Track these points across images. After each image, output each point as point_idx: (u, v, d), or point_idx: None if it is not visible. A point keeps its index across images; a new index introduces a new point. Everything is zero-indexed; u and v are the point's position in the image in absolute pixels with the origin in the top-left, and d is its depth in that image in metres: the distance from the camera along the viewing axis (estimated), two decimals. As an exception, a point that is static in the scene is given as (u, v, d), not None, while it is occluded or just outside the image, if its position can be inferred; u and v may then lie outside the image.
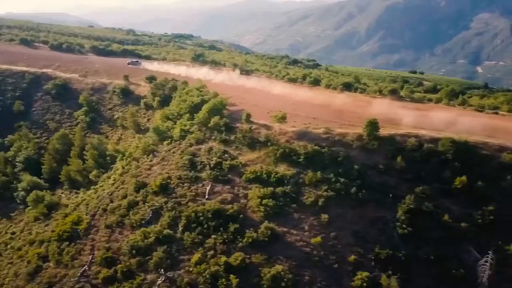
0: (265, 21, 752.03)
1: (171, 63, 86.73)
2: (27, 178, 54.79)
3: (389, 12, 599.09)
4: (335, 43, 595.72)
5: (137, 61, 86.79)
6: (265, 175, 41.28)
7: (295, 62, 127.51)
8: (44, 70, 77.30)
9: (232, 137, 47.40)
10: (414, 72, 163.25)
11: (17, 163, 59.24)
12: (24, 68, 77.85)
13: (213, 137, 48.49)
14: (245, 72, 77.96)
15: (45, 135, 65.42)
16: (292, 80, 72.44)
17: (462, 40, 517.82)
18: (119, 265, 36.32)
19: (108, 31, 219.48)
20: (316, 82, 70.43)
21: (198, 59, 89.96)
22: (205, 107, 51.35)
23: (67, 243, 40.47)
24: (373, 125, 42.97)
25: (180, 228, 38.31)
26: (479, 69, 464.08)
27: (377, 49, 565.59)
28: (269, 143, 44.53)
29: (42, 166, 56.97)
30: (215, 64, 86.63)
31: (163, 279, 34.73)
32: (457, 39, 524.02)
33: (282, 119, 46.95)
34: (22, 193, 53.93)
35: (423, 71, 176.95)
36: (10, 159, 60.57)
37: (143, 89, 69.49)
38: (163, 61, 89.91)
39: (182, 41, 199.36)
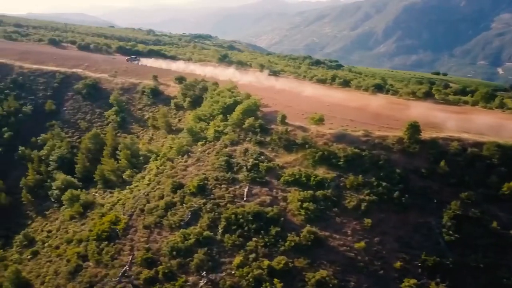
0: (280, 21, 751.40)
1: (197, 63, 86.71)
2: (61, 177, 55.36)
3: (406, 12, 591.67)
4: (351, 44, 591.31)
5: (136, 58, 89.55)
6: (304, 178, 40.73)
7: (317, 62, 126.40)
8: (74, 70, 78.17)
9: (268, 139, 46.96)
10: (438, 74, 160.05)
11: (50, 162, 59.96)
12: (55, 68, 78.87)
13: (247, 139, 48.16)
14: (273, 73, 77.49)
15: (77, 134, 66.05)
16: (321, 81, 71.74)
17: (482, 41, 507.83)
18: (160, 266, 36.26)
19: (129, 31, 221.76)
20: (345, 84, 69.56)
21: (224, 59, 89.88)
22: (238, 108, 51.07)
23: (106, 242, 40.64)
24: (414, 128, 42.08)
25: (220, 230, 38.06)
26: (500, 70, 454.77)
27: (394, 50, 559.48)
28: (306, 146, 43.97)
29: (76, 165, 57.47)
30: (241, 64, 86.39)
31: (205, 282, 34.54)
32: (477, 40, 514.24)
33: (320, 121, 46.37)
34: (57, 191, 54.53)
35: (446, 73, 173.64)
36: (43, 157, 61.33)
37: (173, 89, 69.66)
38: (189, 62, 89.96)
39: (201, 42, 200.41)
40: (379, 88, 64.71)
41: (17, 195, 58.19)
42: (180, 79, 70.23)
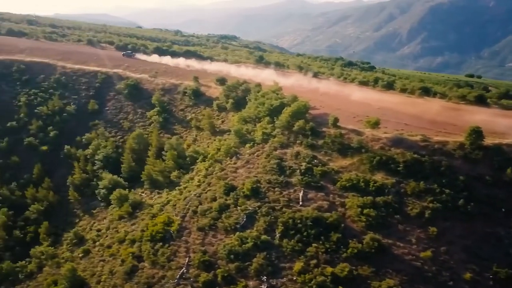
0: (302, 22, 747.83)
1: (233, 64, 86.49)
2: (107, 176, 55.88)
3: (432, 13, 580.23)
4: (374, 45, 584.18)
5: (131, 53, 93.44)
6: (362, 183, 39.79)
7: (350, 64, 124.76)
8: (115, 70, 79.12)
9: (320, 142, 46.20)
10: (472, 76, 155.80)
11: (96, 161, 60.67)
12: (96, 68, 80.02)
13: (298, 141, 47.48)
14: (313, 74, 76.63)
15: (120, 134, 66.72)
16: (363, 83, 70.40)
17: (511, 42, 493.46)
18: (219, 270, 35.89)
19: (157, 32, 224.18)
20: (389, 86, 68.03)
21: (261, 61, 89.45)
22: (287, 111, 50.43)
23: (160, 244, 40.60)
24: (477, 133, 40.56)
25: (278, 235, 37.51)
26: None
27: (419, 51, 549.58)
28: (362, 150, 43.00)
29: (122, 165, 57.93)
30: (279, 66, 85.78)
31: (266, 287, 34.03)
32: (507, 41, 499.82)
33: (376, 124, 45.27)
34: (103, 191, 55.04)
35: (480, 75, 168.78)
36: (88, 157, 62.17)
37: (214, 90, 69.61)
38: (225, 62, 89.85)
39: (228, 42, 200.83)
40: (426, 91, 62.92)
41: (63, 193, 59.16)
42: (222, 81, 70.13)
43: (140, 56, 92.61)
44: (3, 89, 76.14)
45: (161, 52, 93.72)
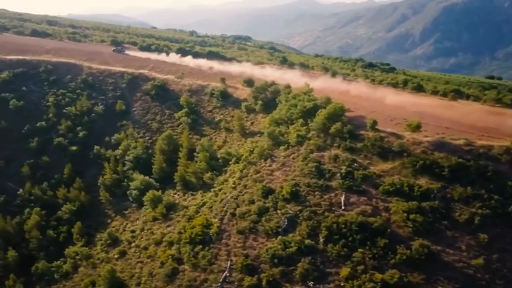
0: (313, 22, 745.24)
1: (257, 65, 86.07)
2: (139, 177, 55.87)
3: (446, 14, 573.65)
4: (387, 46, 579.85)
5: (121, 48, 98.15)
6: (406, 188, 39.12)
7: (371, 65, 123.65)
8: (141, 71, 79.27)
9: (358, 145, 45.60)
10: (492, 78, 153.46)
11: (126, 162, 60.76)
12: (122, 69, 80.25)
13: (335, 144, 46.94)
14: (339, 75, 75.95)
15: (148, 135, 66.78)
16: (392, 85, 69.55)
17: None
18: (263, 274, 35.56)
19: (172, 32, 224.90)
20: (419, 88, 67.09)
21: (285, 62, 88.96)
22: (323, 113, 49.88)
23: (200, 246, 40.36)
24: (524, 138, 39.66)
25: (321, 239, 37.05)
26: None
27: (432, 52, 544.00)
28: (404, 154, 42.31)
29: (153, 166, 57.91)
30: (303, 67, 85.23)
31: (313, 292, 33.61)
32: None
33: (417, 128, 44.53)
34: (135, 191, 55.03)
35: (501, 77, 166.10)
36: (118, 157, 62.29)
37: (241, 92, 69.36)
38: (248, 63, 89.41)
39: (243, 43, 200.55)
40: (459, 94, 61.92)
41: (94, 194, 59.32)
42: (249, 82, 69.87)
43: (132, 52, 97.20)
44: (31, 89, 76.75)
45: (184, 52, 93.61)
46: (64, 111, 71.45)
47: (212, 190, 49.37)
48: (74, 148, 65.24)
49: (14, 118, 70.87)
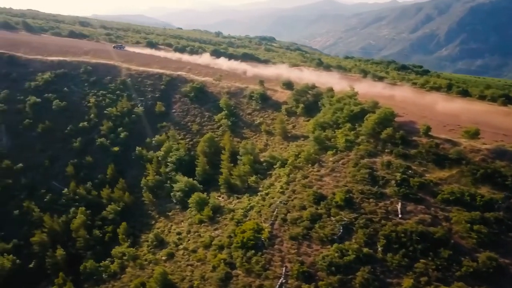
0: (335, 23, 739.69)
1: (293, 67, 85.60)
2: (183, 179, 56.13)
3: (472, 14, 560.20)
4: (410, 47, 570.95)
5: (121, 45, 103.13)
6: (468, 197, 37.91)
7: (403, 68, 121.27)
8: (179, 73, 79.82)
9: (412, 152, 44.52)
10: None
11: (168, 163, 61.15)
12: (160, 70, 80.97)
13: (387, 150, 45.99)
14: (378, 79, 74.75)
15: (188, 136, 67.05)
16: (435, 89, 67.91)
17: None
18: (321, 282, 34.98)
19: (197, 33, 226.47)
20: (464, 93, 65.29)
21: (321, 64, 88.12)
22: (373, 118, 48.97)
23: (252, 251, 40.09)
24: None
25: (380, 248, 36.24)
26: None
27: (458, 54, 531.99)
28: (463, 161, 41.06)
29: (196, 168, 58.10)
30: (341, 69, 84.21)
31: (374, 303, 32.86)
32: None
33: (475, 135, 43.19)
34: (179, 193, 55.33)
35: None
36: (159, 158, 62.74)
37: (281, 94, 68.95)
38: (282, 65, 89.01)
39: (269, 44, 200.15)
40: (508, 99, 59.87)
41: (136, 194, 59.88)
42: (288, 84, 69.47)
43: (137, 49, 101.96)
44: (72, 89, 78.29)
45: (218, 54, 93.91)
46: (105, 112, 72.53)
47: (259, 194, 49.08)
48: (116, 148, 66.10)
49: (57, 118, 72.48)
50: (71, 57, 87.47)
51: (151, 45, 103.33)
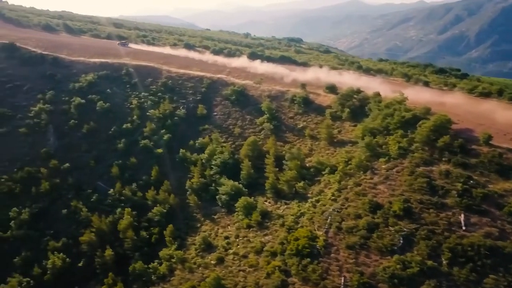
0: (361, 24, 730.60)
1: (332, 71, 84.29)
2: (229, 183, 56.12)
3: (505, 15, 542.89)
4: (438, 48, 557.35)
5: (125, 42, 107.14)
6: (537, 211, 36.33)
7: (441, 71, 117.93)
8: (219, 76, 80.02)
9: (472, 161, 43.02)
10: None
11: (212, 166, 61.28)
12: (200, 73, 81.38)
13: (444, 159, 44.60)
14: (425, 84, 72.97)
15: (230, 140, 67.06)
16: (485, 95, 65.58)
17: None
18: (383, 294, 34.25)
19: (225, 34, 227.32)
20: (515, 99, 62.70)
21: (362, 68, 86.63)
22: (427, 125, 47.62)
23: (308, 259, 39.61)
24: None
25: (444, 261, 35.10)
26: None
27: (488, 56, 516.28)
28: (530, 173, 39.43)
29: (241, 172, 57.97)
30: (382, 73, 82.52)
31: (443, 318, 31.79)
32: None
33: (541, 145, 41.41)
34: (225, 197, 55.36)
35: None
36: (203, 161, 62.95)
37: (323, 98, 68.10)
38: (319, 68, 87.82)
39: (298, 45, 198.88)
40: None
41: (180, 197, 60.13)
42: (332, 88, 68.60)
43: (136, 45, 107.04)
44: (114, 91, 79.59)
45: (255, 57, 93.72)
46: (148, 113, 73.32)
47: (308, 200, 48.50)
48: (160, 150, 66.68)
49: (101, 119, 73.77)
50: (112, 58, 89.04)
51: (189, 47, 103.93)
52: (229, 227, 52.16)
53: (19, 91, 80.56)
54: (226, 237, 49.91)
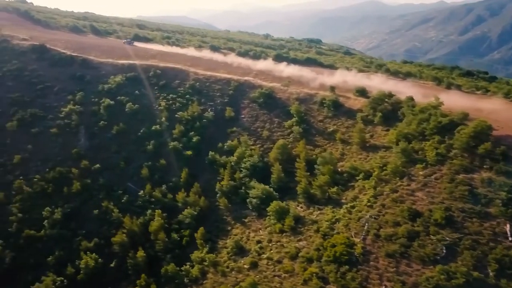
0: (379, 24, 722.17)
1: (360, 73, 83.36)
2: (259, 186, 55.95)
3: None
4: (459, 49, 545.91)
5: (131, 41, 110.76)
6: None
7: (468, 74, 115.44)
8: (246, 78, 79.96)
9: (515, 169, 41.82)
10: None
11: (242, 169, 61.19)
12: (227, 75, 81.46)
13: (485, 166, 43.45)
14: (456, 87, 71.44)
15: (259, 142, 66.83)
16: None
17: None
18: (427, 305, 33.51)
19: (245, 35, 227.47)
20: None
21: (389, 71, 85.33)
22: (467, 131, 46.47)
23: (346, 267, 39.14)
24: None
25: (491, 273, 34.17)
26: None
27: (511, 57, 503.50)
28: None
29: (272, 175, 57.72)
30: (412, 76, 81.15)
31: (492, 333, 30.92)
32: None
33: None
34: (255, 200, 55.18)
35: None
36: (233, 164, 62.89)
37: (354, 102, 67.28)
38: (347, 71, 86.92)
39: (318, 46, 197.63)
40: None
41: (209, 199, 60.17)
42: (362, 92, 67.72)
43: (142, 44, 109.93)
44: (143, 93, 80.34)
45: (280, 59, 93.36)
46: (176, 115, 73.74)
47: (343, 206, 47.91)
48: (189, 152, 66.93)
49: (130, 121, 74.59)
50: (140, 60, 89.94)
51: (214, 48, 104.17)
52: (260, 231, 51.99)
53: (49, 92, 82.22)
54: (259, 241, 49.74)
